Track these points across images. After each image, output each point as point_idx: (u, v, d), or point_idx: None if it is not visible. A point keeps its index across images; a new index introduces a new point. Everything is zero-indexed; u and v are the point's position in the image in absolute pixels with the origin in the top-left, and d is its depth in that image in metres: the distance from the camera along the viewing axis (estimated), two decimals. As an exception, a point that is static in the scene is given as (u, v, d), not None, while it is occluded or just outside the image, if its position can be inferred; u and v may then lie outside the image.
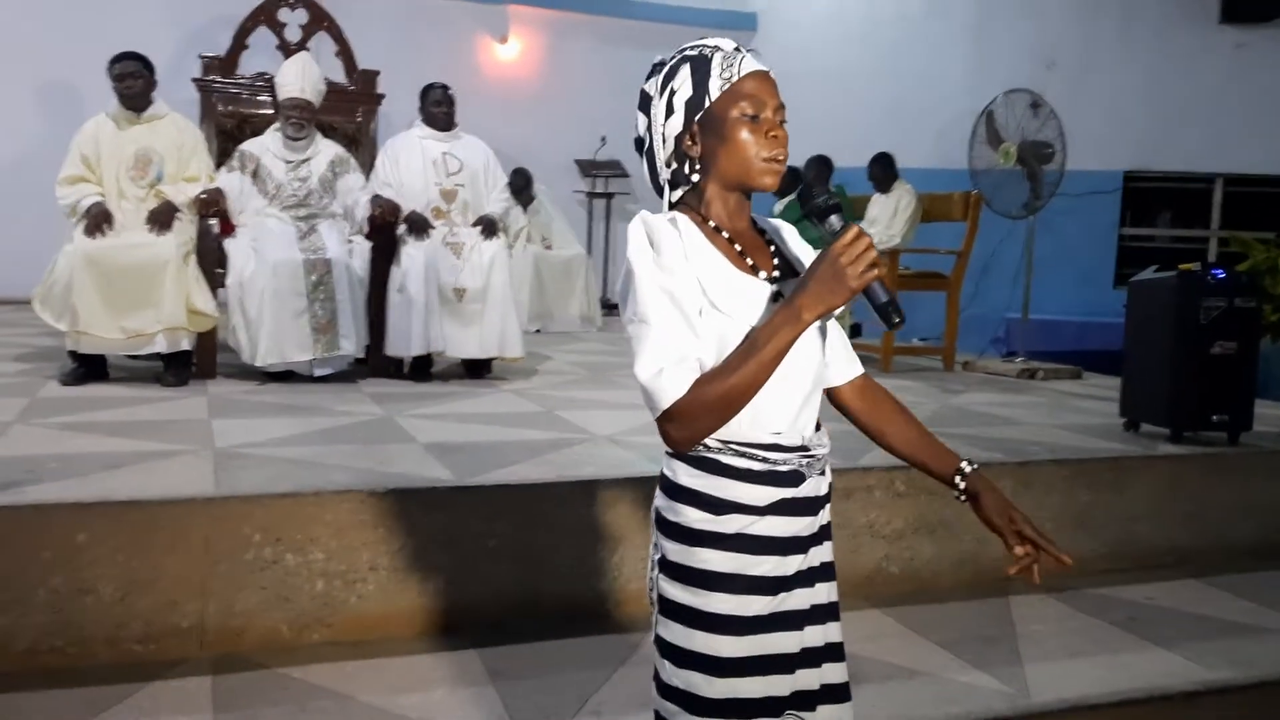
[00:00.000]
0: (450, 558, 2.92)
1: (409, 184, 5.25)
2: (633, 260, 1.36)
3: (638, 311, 1.35)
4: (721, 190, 1.44)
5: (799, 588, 1.43)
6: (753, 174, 1.41)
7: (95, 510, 2.64)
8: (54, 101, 7.91)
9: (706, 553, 1.39)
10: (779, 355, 1.31)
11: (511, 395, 4.77)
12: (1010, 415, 4.67)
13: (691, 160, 1.44)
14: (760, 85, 1.41)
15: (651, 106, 1.47)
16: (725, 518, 1.39)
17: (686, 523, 1.40)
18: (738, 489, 1.39)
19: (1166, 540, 3.82)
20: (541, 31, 9.71)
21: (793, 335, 1.31)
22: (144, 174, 4.81)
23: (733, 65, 1.41)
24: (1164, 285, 4.18)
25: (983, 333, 8.11)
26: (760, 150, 1.40)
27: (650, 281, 1.35)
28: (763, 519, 1.39)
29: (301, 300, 4.72)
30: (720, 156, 1.42)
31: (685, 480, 1.41)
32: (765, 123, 1.40)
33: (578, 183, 9.58)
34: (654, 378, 1.32)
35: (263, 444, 3.43)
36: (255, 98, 5.74)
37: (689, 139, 1.43)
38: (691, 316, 1.34)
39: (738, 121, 1.40)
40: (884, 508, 3.41)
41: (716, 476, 1.39)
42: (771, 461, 1.40)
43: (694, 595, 1.39)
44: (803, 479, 1.42)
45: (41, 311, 4.54)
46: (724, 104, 1.40)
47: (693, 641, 1.39)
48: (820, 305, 1.29)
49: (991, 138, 6.33)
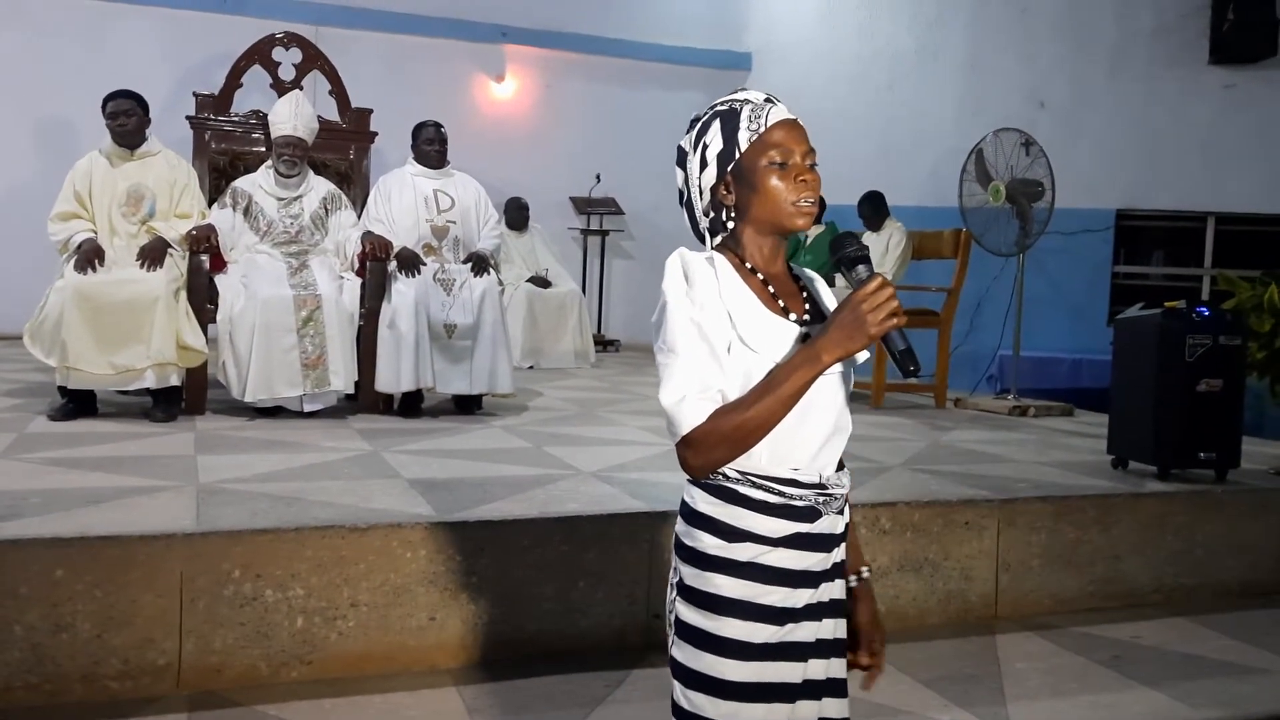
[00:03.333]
0: (431, 594, 2.91)
1: (400, 221, 5.28)
2: (666, 292, 1.44)
3: (667, 341, 1.42)
4: (756, 235, 1.51)
5: (806, 620, 1.47)
6: (784, 218, 1.48)
7: (73, 546, 2.63)
8: (49, 137, 7.98)
9: (719, 578, 1.44)
10: (796, 394, 1.38)
11: (500, 431, 4.77)
12: (999, 453, 4.66)
13: (727, 209, 1.52)
14: (788, 134, 1.48)
15: (688, 161, 1.54)
16: (738, 545, 1.44)
17: (702, 548, 1.46)
18: (752, 519, 1.44)
19: (1153, 578, 3.80)
20: (538, 71, 9.80)
21: (811, 375, 1.37)
22: (136, 210, 4.84)
23: (760, 116, 1.48)
24: (1149, 322, 4.19)
25: (975, 370, 8.12)
26: (790, 195, 1.47)
27: (681, 314, 1.42)
28: (775, 550, 1.44)
29: (291, 336, 4.73)
30: (753, 204, 1.49)
31: (703, 507, 1.47)
32: (794, 168, 1.47)
33: (573, 220, 9.63)
34: (676, 404, 1.39)
35: (247, 479, 3.42)
36: (248, 135, 5.79)
37: (723, 189, 1.51)
38: (719, 350, 1.41)
39: (767, 170, 1.47)
40: (869, 545, 3.39)
41: (733, 505, 1.44)
42: (788, 496, 1.44)
43: (705, 618, 1.45)
44: (818, 515, 1.46)
45: (31, 346, 4.55)
46: (753, 154, 1.47)
47: (701, 663, 1.45)
48: (839, 349, 1.36)
49: (981, 176, 6.38)
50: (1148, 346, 4.17)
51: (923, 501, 3.52)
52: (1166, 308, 4.17)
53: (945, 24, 9.46)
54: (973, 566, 3.53)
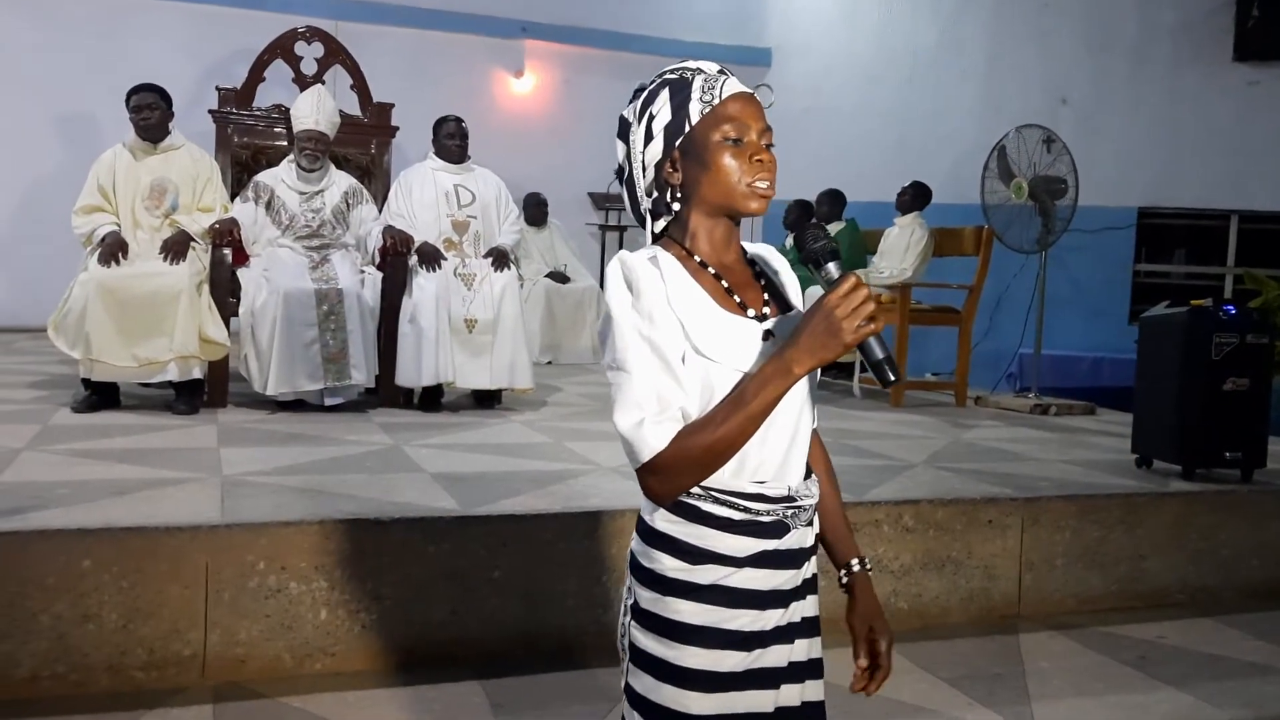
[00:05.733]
0: (454, 588, 2.92)
1: (421, 215, 5.29)
2: (611, 304, 1.30)
3: (616, 358, 1.29)
4: (706, 219, 1.37)
5: (776, 644, 1.35)
6: (737, 200, 1.34)
7: (99, 537, 2.65)
8: (71, 131, 8.01)
9: (679, 603, 1.32)
10: (767, 409, 1.26)
11: (520, 426, 4.77)
12: (1021, 451, 4.64)
13: (673, 188, 1.37)
14: (744, 108, 1.34)
15: (630, 133, 1.40)
16: (701, 568, 1.32)
17: (661, 570, 1.33)
18: (716, 538, 1.32)
19: (1178, 578, 3.78)
20: (556, 66, 9.80)
21: (782, 389, 1.25)
22: (159, 204, 4.86)
23: (714, 88, 1.35)
24: (1175, 321, 4.16)
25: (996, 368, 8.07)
26: (744, 175, 1.33)
27: (629, 327, 1.28)
28: (741, 571, 1.32)
29: (313, 330, 4.75)
30: (703, 183, 1.34)
31: (662, 526, 1.34)
32: (749, 146, 1.33)
33: (591, 215, 9.63)
34: (634, 428, 1.27)
35: (270, 472, 3.44)
36: (271, 129, 5.80)
37: (669, 166, 1.37)
38: (674, 363, 1.28)
39: (720, 146, 1.33)
40: (892, 543, 3.39)
41: (695, 524, 1.32)
42: (754, 512, 1.32)
43: (665, 646, 1.32)
44: (786, 530, 1.34)
45: (56, 339, 4.57)
46: (705, 128, 1.34)
47: (661, 695, 1.32)
48: (811, 359, 1.23)
49: (1003, 173, 6.34)
50: (1173, 345, 4.14)
51: (946, 499, 3.50)
52: (1192, 306, 4.14)
53: (966, 19, 9.41)
54: (996, 565, 3.52)
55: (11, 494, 2.94)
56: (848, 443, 4.57)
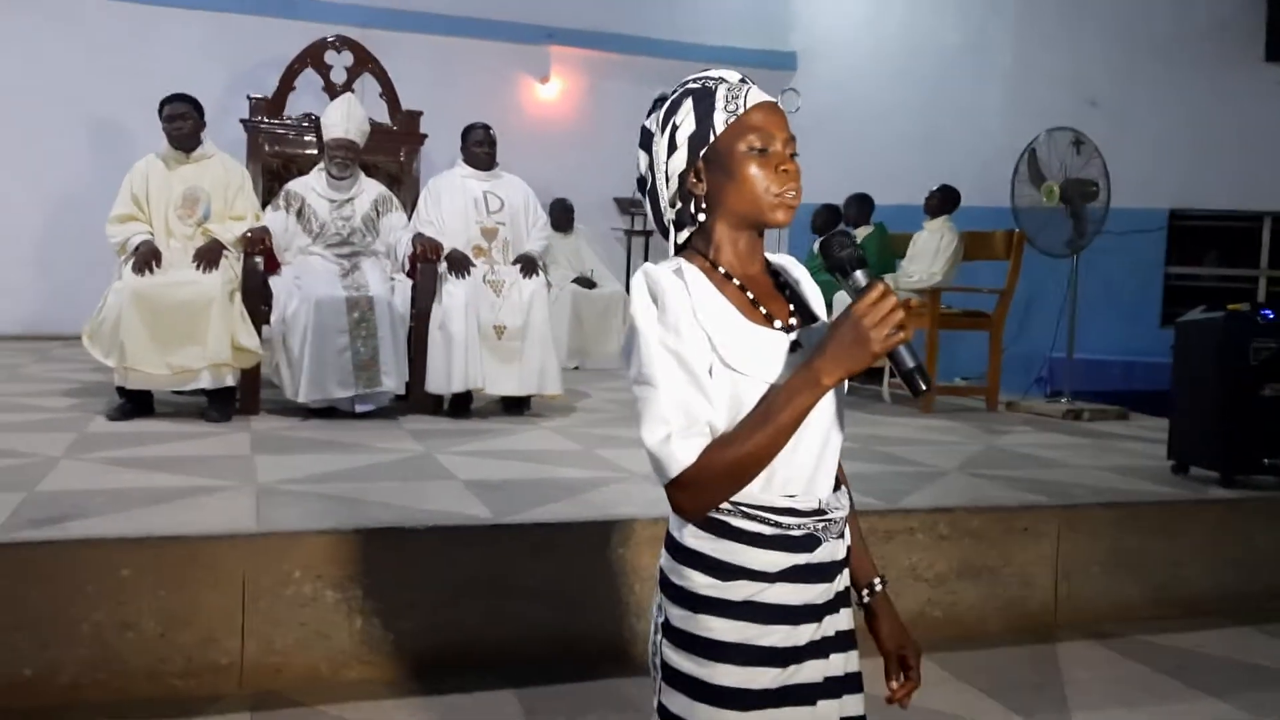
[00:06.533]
0: (488, 596, 2.92)
1: (450, 222, 5.30)
2: (636, 318, 1.28)
3: (642, 373, 1.27)
4: (731, 231, 1.35)
5: (811, 659, 1.33)
6: (763, 211, 1.32)
7: (138, 545, 2.67)
8: (103, 140, 8.10)
9: (711, 620, 1.30)
10: (796, 422, 1.24)
11: (550, 432, 4.77)
12: (1055, 457, 4.60)
13: (697, 199, 1.35)
14: (768, 117, 1.33)
15: (653, 144, 1.38)
16: (732, 584, 1.30)
17: (691, 587, 1.31)
18: (746, 554, 1.30)
19: (1217, 586, 3.73)
20: (582, 72, 9.82)
21: (811, 401, 1.23)
22: (192, 212, 4.90)
23: (738, 97, 1.34)
24: (1212, 326, 4.11)
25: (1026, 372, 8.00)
26: (771, 185, 1.31)
27: (654, 341, 1.27)
28: (773, 586, 1.30)
29: (344, 337, 4.77)
30: (728, 194, 1.33)
31: (691, 542, 1.32)
32: (775, 156, 1.32)
33: (617, 220, 9.63)
34: (661, 444, 1.25)
35: (304, 480, 3.45)
36: (301, 138, 5.85)
37: (694, 176, 1.35)
38: (701, 377, 1.26)
39: (745, 156, 1.31)
40: (927, 550, 3.36)
41: (724, 540, 1.30)
42: (784, 526, 1.30)
43: (698, 665, 1.30)
44: (817, 544, 1.32)
45: (91, 348, 4.62)
46: (730, 138, 1.32)
47: (695, 714, 1.30)
48: (840, 369, 1.22)
49: (1034, 176, 6.29)
50: (1210, 350, 4.09)
51: (981, 507, 3.48)
52: (1229, 310, 4.09)
53: (993, 21, 9.36)
54: (1032, 573, 3.48)
55: (52, 503, 2.97)
56: (879, 449, 4.55)
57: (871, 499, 3.44)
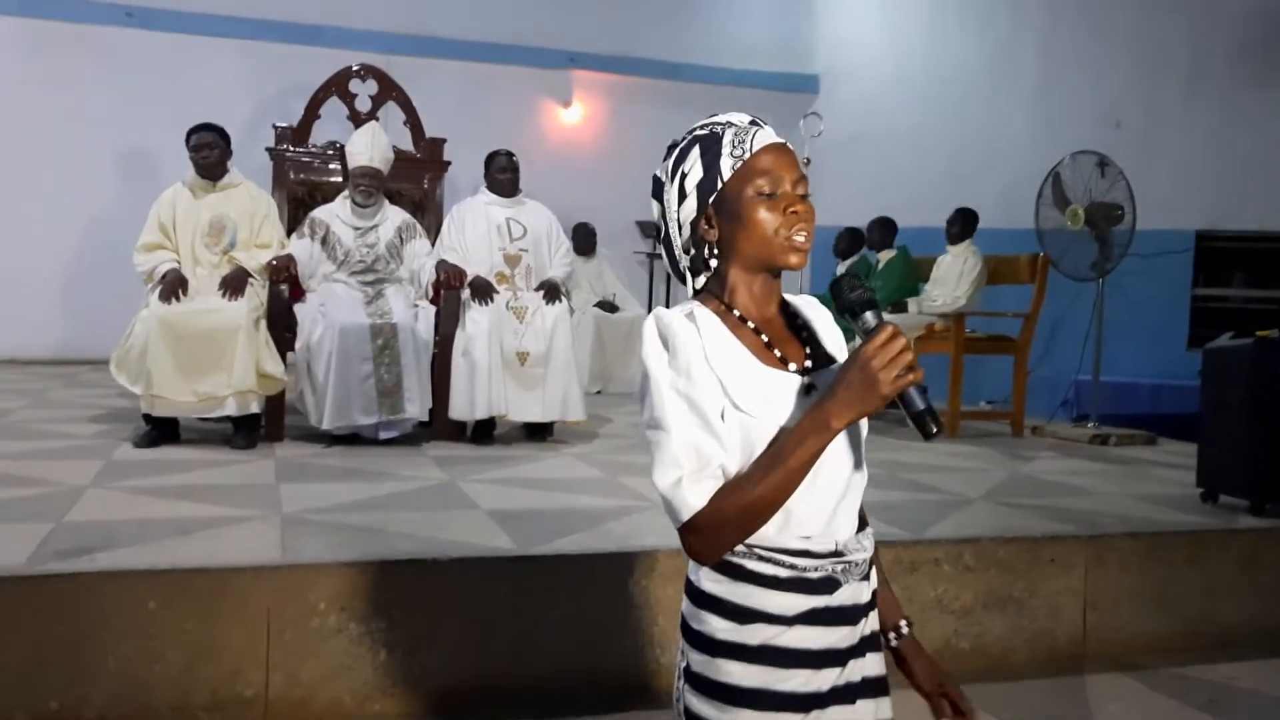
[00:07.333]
0: (512, 629, 2.91)
1: (474, 249, 5.33)
2: (647, 362, 1.30)
3: (654, 416, 1.28)
4: (745, 274, 1.36)
5: (836, 705, 1.31)
6: (774, 254, 1.32)
7: (165, 578, 2.68)
8: (131, 167, 8.21)
9: (730, 665, 1.29)
10: (806, 465, 1.23)
11: (573, 459, 4.77)
12: (1083, 484, 4.55)
13: (709, 245, 1.36)
14: (776, 159, 1.33)
15: (664, 192, 1.39)
16: (750, 627, 1.29)
17: (710, 632, 1.31)
18: (763, 597, 1.29)
19: (1248, 618, 3.67)
20: (604, 96, 9.87)
21: (821, 444, 1.23)
22: (218, 240, 4.95)
23: (745, 141, 1.34)
24: (1241, 353, 4.07)
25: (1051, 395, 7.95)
26: (780, 229, 1.31)
27: (665, 385, 1.28)
28: (791, 629, 1.29)
29: (368, 364, 4.79)
30: (739, 239, 1.33)
31: (708, 586, 1.32)
32: (783, 198, 1.32)
33: (639, 244, 9.64)
34: (672, 487, 1.25)
35: (328, 509, 3.46)
36: (326, 166, 5.89)
37: (705, 223, 1.36)
38: (712, 420, 1.26)
39: (753, 200, 1.31)
40: (952, 581, 3.33)
41: (740, 583, 1.30)
42: (799, 569, 1.29)
43: (718, 711, 1.29)
44: (837, 586, 1.31)
45: (118, 375, 4.66)
46: (738, 183, 1.33)
47: None
48: (850, 412, 1.21)
49: (1058, 199, 6.26)
50: (1239, 377, 4.05)
51: (1007, 537, 3.44)
52: (1258, 337, 4.05)
53: (1017, 43, 9.34)
54: (1060, 604, 3.45)
55: (80, 533, 2.99)
56: (903, 476, 4.52)
57: (896, 529, 3.42)
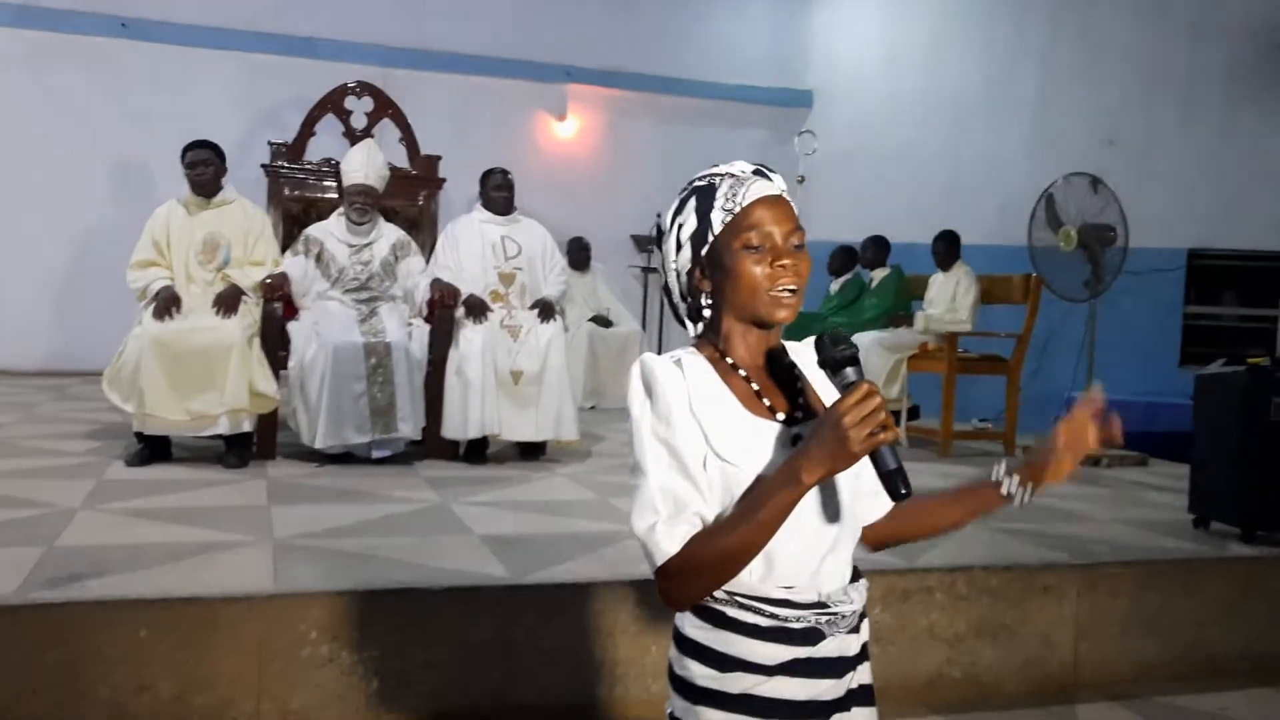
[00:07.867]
0: (505, 658, 2.90)
1: (468, 267, 5.32)
2: (631, 406, 1.32)
3: (635, 460, 1.30)
4: (739, 324, 1.37)
5: None
6: (760, 308, 1.33)
7: (157, 607, 2.67)
8: (126, 180, 8.20)
9: (709, 713, 1.30)
10: (779, 517, 1.23)
11: (566, 480, 4.76)
12: (1075, 509, 4.55)
13: (704, 294, 1.38)
14: (768, 212, 1.33)
15: (665, 241, 1.41)
16: (730, 675, 1.29)
17: (690, 678, 1.32)
18: (744, 645, 1.29)
19: (1241, 646, 3.68)
20: (599, 110, 9.89)
21: (793, 497, 1.22)
22: (212, 258, 4.93)
23: (737, 194, 1.34)
24: (1232, 381, 4.08)
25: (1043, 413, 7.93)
26: (766, 284, 1.31)
27: (646, 430, 1.29)
28: (772, 679, 1.29)
29: (361, 383, 4.78)
30: (728, 291, 1.34)
31: (691, 632, 1.33)
32: (772, 251, 1.32)
33: (634, 258, 9.65)
34: (647, 532, 1.26)
35: (320, 534, 3.45)
36: (321, 182, 5.89)
37: (698, 274, 1.37)
38: (691, 467, 1.27)
39: (741, 254, 1.32)
40: (944, 610, 3.33)
41: (721, 630, 1.30)
42: (781, 618, 1.29)
43: None
44: (821, 637, 1.31)
45: (110, 392, 4.64)
46: (727, 236, 1.33)
47: None
48: (820, 469, 1.20)
49: (1051, 220, 6.28)
50: (1231, 405, 4.06)
51: (1001, 566, 3.44)
52: (1250, 364, 4.06)
53: (1014, 61, 9.36)
54: (1052, 633, 3.45)
55: (71, 559, 2.98)
56: (896, 499, 4.51)
57: (889, 557, 3.41)
